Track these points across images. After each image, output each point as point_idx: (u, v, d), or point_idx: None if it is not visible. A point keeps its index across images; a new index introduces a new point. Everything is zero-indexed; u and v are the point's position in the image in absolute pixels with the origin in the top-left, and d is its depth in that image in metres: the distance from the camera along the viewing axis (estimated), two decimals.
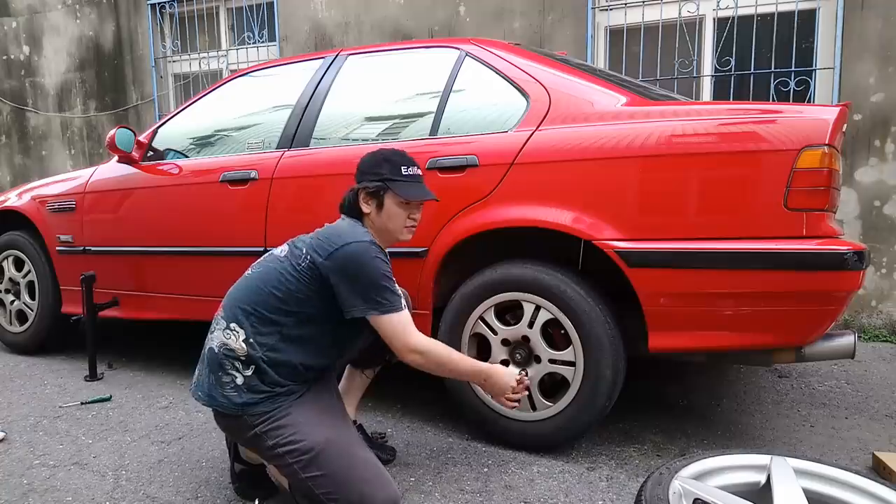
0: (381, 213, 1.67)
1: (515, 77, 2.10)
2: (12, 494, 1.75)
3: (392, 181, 1.65)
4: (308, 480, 1.47)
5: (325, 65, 2.53)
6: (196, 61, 5.05)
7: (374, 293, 1.53)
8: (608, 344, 1.85)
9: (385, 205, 1.66)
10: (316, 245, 1.58)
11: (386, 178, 1.65)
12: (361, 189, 1.67)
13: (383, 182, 1.64)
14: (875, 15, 3.32)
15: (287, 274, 1.56)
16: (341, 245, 1.55)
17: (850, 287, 1.68)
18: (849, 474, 1.30)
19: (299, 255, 1.58)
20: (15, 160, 5.93)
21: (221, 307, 1.62)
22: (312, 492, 1.47)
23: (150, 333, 3.61)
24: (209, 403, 1.57)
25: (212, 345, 1.57)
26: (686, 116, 1.81)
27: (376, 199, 1.66)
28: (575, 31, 3.88)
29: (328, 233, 1.62)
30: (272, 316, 1.55)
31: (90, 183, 2.91)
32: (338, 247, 1.55)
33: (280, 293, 1.55)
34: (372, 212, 1.67)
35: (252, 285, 1.59)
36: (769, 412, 2.38)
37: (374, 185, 1.65)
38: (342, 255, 1.54)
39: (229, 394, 1.52)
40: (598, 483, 1.80)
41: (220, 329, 1.57)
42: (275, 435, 1.50)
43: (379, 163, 1.67)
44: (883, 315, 3.43)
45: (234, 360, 1.53)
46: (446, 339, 2.06)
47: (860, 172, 3.40)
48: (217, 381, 1.54)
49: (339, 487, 1.46)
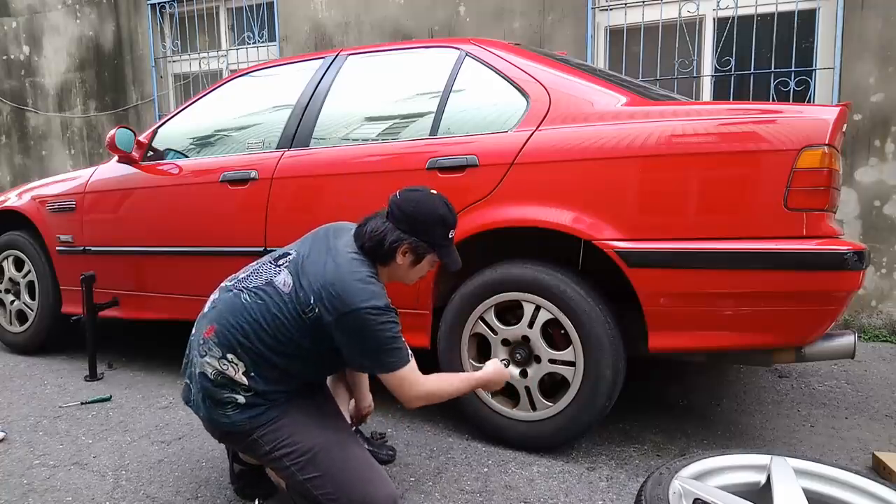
0: (413, 268, 1.61)
1: (515, 77, 2.10)
2: (12, 494, 1.75)
3: (441, 248, 1.58)
4: (306, 482, 1.47)
5: (325, 65, 2.53)
6: (196, 61, 5.05)
7: (383, 356, 1.49)
8: (608, 344, 1.85)
9: (421, 262, 1.60)
10: (326, 298, 1.45)
11: (437, 245, 1.57)
12: (408, 243, 1.55)
13: (432, 246, 1.57)
14: (875, 15, 3.32)
15: (288, 321, 1.48)
16: (353, 308, 1.43)
17: (850, 287, 1.68)
18: (849, 474, 1.30)
19: (305, 304, 1.47)
20: (15, 160, 5.93)
21: (213, 330, 1.52)
22: (311, 493, 1.47)
23: (150, 333, 3.61)
24: (212, 425, 1.56)
25: (205, 370, 1.50)
26: (686, 116, 1.81)
27: (415, 256, 1.58)
28: (575, 31, 3.88)
29: (339, 287, 1.45)
30: (269, 354, 1.49)
31: (90, 183, 2.91)
32: (350, 310, 1.43)
33: (280, 337, 1.48)
34: (405, 265, 1.58)
35: (249, 318, 1.49)
36: (769, 412, 2.38)
37: (423, 248, 1.56)
38: (353, 319, 1.44)
39: (231, 414, 1.50)
40: (598, 483, 1.80)
41: (213, 357, 1.50)
42: (271, 439, 1.49)
43: (435, 225, 1.56)
44: (883, 315, 3.43)
45: (235, 386, 1.49)
46: (446, 339, 2.07)
47: (860, 172, 3.40)
48: (216, 403, 1.51)
49: (337, 487, 1.45)
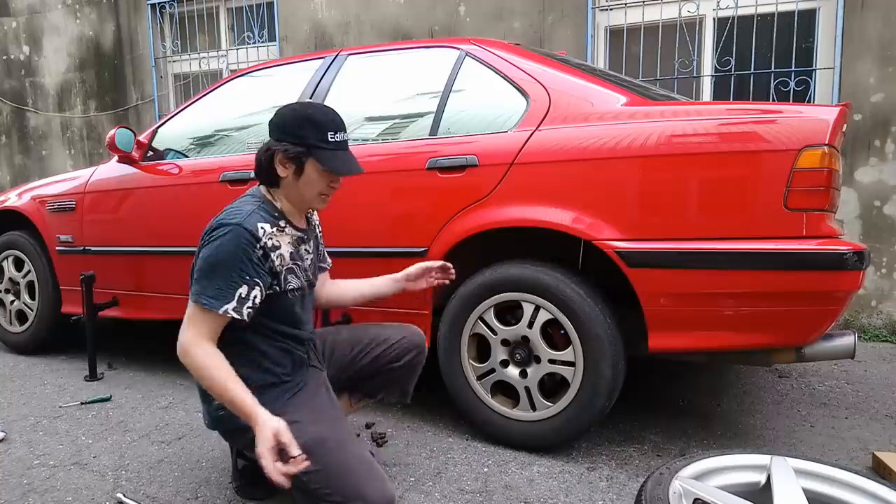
0: (299, 180, 1.52)
1: (515, 77, 2.10)
2: (12, 494, 1.75)
3: (317, 149, 1.49)
4: (302, 475, 1.46)
5: (325, 65, 2.53)
6: (196, 61, 5.05)
7: (197, 276, 1.45)
8: (608, 344, 1.84)
9: (305, 171, 1.51)
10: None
11: (311, 145, 1.48)
12: (279, 150, 1.50)
13: (307, 148, 1.49)
14: (875, 15, 3.32)
15: None
16: (210, 228, 1.48)
17: (850, 287, 1.68)
18: (849, 474, 1.30)
19: None
20: (15, 160, 5.93)
21: None
22: (307, 487, 1.47)
23: (150, 333, 3.61)
24: (214, 427, 1.60)
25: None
26: (686, 116, 1.81)
27: (295, 164, 1.51)
28: (575, 31, 3.88)
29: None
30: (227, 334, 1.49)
31: (90, 183, 2.91)
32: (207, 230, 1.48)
33: None
34: (289, 177, 1.52)
35: None
36: (769, 412, 2.38)
37: (294, 150, 1.49)
38: (204, 236, 1.48)
39: (218, 409, 1.54)
40: (598, 483, 1.80)
41: None
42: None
43: (302, 123, 1.49)
44: (883, 315, 3.43)
45: None
46: (446, 339, 2.07)
47: (860, 172, 3.40)
48: (207, 401, 1.57)
49: (333, 483, 1.45)
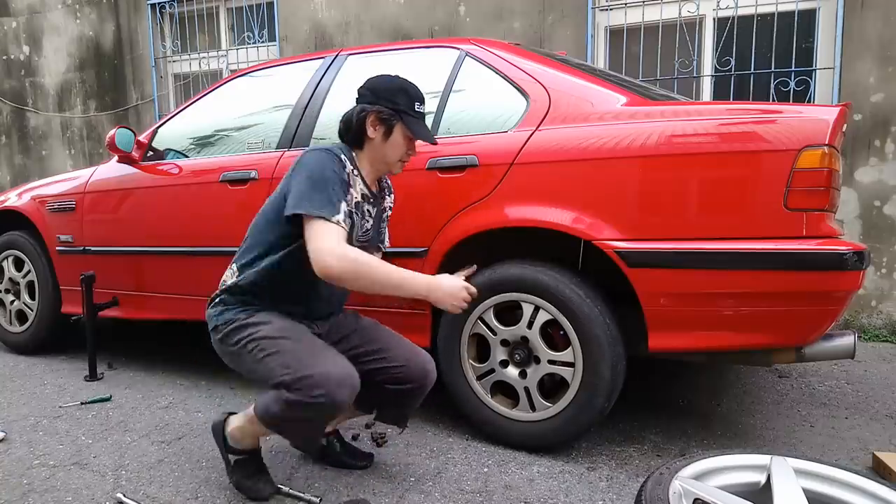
0: (386, 142, 1.66)
1: (515, 77, 2.10)
2: (12, 494, 1.75)
3: (407, 115, 1.64)
4: (267, 358, 1.51)
5: (325, 65, 2.53)
6: (196, 61, 5.05)
7: (308, 190, 1.51)
8: (607, 344, 1.84)
9: (392, 134, 1.65)
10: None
11: (401, 111, 1.63)
12: (374, 112, 1.64)
13: (398, 113, 1.63)
14: (875, 15, 3.32)
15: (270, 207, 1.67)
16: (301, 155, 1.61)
17: (850, 287, 1.68)
18: (849, 474, 1.30)
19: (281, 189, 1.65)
20: (15, 160, 5.93)
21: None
22: (272, 372, 1.49)
23: (150, 333, 3.61)
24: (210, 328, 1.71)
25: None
26: (686, 116, 1.81)
27: (385, 126, 1.64)
28: (575, 31, 3.88)
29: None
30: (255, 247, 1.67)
31: (90, 183, 2.91)
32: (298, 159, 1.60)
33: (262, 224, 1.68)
34: (377, 138, 1.65)
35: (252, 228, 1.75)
36: (769, 412, 2.38)
37: (387, 113, 1.63)
38: (299, 158, 1.60)
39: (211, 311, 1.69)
40: (598, 483, 1.80)
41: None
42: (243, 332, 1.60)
43: (396, 91, 1.64)
44: (883, 315, 3.43)
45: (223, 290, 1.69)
46: (446, 339, 2.07)
47: (860, 172, 3.40)
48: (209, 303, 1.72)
49: (294, 362, 1.48)
